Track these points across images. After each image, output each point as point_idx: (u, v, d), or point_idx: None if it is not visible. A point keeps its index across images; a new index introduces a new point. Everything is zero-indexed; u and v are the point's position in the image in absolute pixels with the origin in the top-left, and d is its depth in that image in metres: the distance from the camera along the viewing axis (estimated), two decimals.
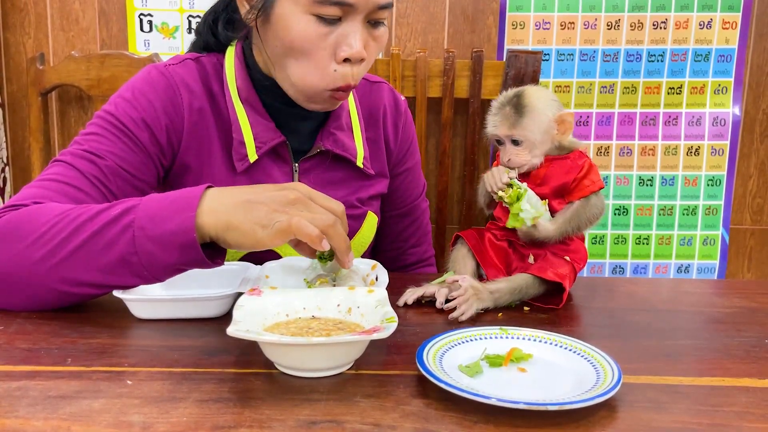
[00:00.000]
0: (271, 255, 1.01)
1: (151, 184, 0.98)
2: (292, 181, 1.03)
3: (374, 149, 1.12)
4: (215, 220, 0.75)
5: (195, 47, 1.08)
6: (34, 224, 0.79)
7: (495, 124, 0.97)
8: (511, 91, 0.98)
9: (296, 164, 1.04)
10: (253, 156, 0.99)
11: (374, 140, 1.12)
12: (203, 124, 1.00)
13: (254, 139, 0.99)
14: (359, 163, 1.07)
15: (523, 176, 0.97)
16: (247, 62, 1.02)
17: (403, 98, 1.19)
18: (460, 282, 0.90)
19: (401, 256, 1.22)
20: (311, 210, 0.76)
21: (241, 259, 1.03)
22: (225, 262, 0.82)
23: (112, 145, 0.93)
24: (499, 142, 0.97)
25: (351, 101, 1.09)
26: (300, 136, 1.04)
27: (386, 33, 0.95)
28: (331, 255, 0.84)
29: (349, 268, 0.80)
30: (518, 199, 0.92)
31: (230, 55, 1.02)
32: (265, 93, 1.01)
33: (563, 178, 0.95)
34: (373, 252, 1.22)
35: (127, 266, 0.76)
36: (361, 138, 1.09)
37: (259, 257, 0.97)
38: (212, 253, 0.78)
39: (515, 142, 0.96)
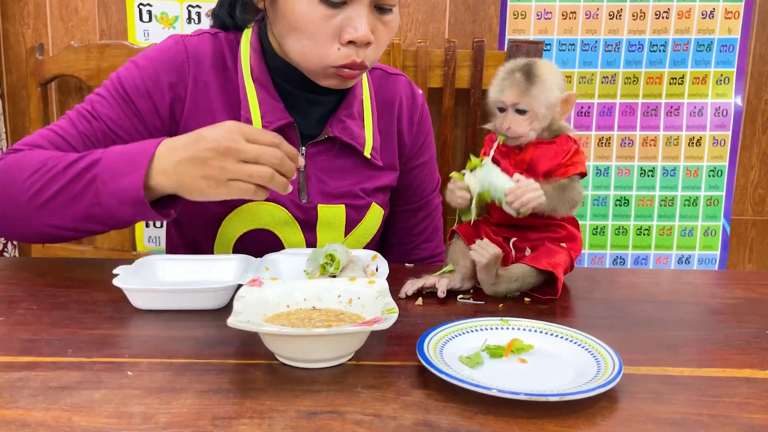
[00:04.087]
0: (272, 248, 1.01)
1: None
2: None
3: (386, 141, 1.11)
4: (166, 180, 0.84)
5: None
6: (21, 170, 0.90)
7: (502, 89, 0.93)
8: (521, 60, 0.95)
9: (303, 148, 1.04)
10: None
11: (387, 132, 1.11)
12: (209, 97, 1.01)
13: (261, 118, 1.00)
14: (366, 153, 1.06)
15: (508, 159, 0.96)
16: (263, 44, 1.03)
17: (420, 92, 1.18)
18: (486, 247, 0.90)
19: (413, 251, 1.22)
20: (248, 151, 0.81)
21: (238, 252, 1.03)
22: (222, 254, 0.87)
23: (109, 109, 0.99)
24: (501, 109, 0.95)
25: (365, 90, 1.09)
26: (310, 120, 1.05)
27: (396, 19, 0.95)
28: (336, 268, 0.87)
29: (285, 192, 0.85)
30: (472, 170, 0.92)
31: (247, 35, 1.04)
32: (278, 75, 1.02)
33: (550, 163, 0.94)
34: (385, 245, 1.21)
35: (92, 216, 0.86)
36: (371, 128, 1.08)
37: (259, 251, 0.96)
38: (168, 201, 0.88)
39: (520, 111, 0.94)
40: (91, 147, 0.96)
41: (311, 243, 1.05)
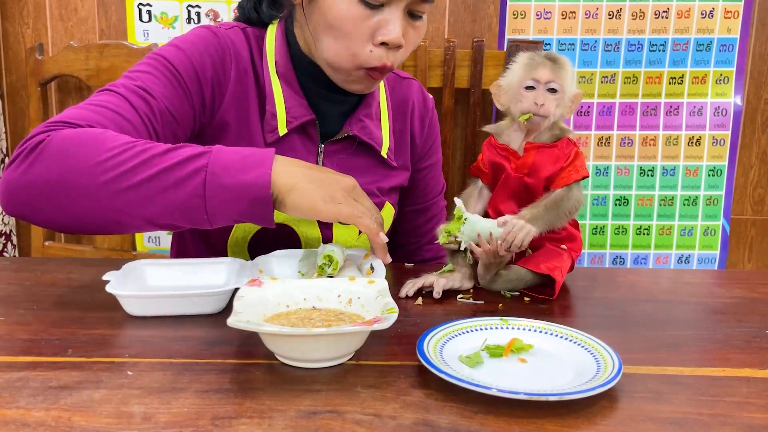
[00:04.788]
0: (289, 243, 1.01)
1: (186, 134, 0.98)
2: (317, 161, 1.05)
3: (400, 141, 1.14)
4: (283, 181, 0.80)
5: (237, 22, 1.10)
6: (100, 147, 0.79)
7: (534, 68, 0.93)
8: (539, 52, 0.96)
9: (322, 145, 1.05)
10: (283, 129, 1.01)
11: (401, 132, 1.14)
12: (246, 88, 1.02)
13: (286, 114, 1.01)
14: (383, 153, 1.08)
15: (508, 163, 0.96)
16: (288, 41, 1.04)
17: (431, 97, 1.22)
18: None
19: (417, 251, 1.24)
20: (364, 203, 0.86)
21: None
22: (212, 257, 0.90)
23: (163, 88, 0.93)
24: (529, 88, 0.94)
25: (382, 92, 1.11)
26: (329, 118, 1.06)
27: (425, 25, 0.98)
28: (334, 269, 0.87)
29: (387, 262, 0.90)
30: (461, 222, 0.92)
31: (272, 31, 1.05)
32: (302, 72, 1.03)
33: (552, 168, 0.94)
34: (391, 245, 1.22)
35: (189, 208, 0.79)
36: (388, 129, 1.10)
37: (274, 246, 0.97)
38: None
39: (552, 90, 0.94)
40: (150, 128, 0.91)
41: (327, 239, 1.06)
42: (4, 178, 0.81)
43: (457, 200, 0.93)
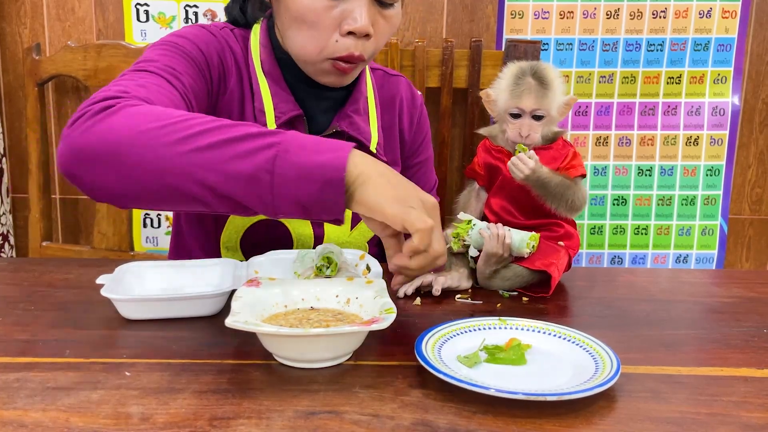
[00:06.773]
0: (281, 239, 1.01)
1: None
2: None
3: (388, 137, 1.14)
4: (358, 171, 0.72)
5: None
6: (168, 114, 0.75)
7: (519, 96, 0.92)
8: (525, 63, 0.95)
9: None
10: (271, 125, 1.01)
11: (389, 129, 1.14)
12: (241, 85, 1.03)
13: (274, 109, 1.01)
14: (372, 147, 1.08)
15: (505, 165, 0.97)
16: (271, 40, 1.05)
17: (420, 93, 1.22)
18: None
19: None
20: (437, 228, 0.74)
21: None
22: (206, 259, 0.88)
23: (185, 68, 0.93)
24: (515, 115, 0.94)
25: (369, 88, 1.11)
26: (317, 115, 1.06)
27: (398, 15, 0.97)
28: (333, 270, 0.86)
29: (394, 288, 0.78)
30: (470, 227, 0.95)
31: (256, 30, 1.06)
32: (286, 70, 1.04)
33: (549, 168, 0.94)
34: None
35: (253, 184, 0.71)
36: (376, 124, 1.10)
37: (266, 242, 0.96)
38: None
39: (537, 117, 0.93)
40: (190, 104, 0.90)
41: (318, 236, 1.07)
42: (64, 136, 0.76)
43: (462, 215, 0.95)
